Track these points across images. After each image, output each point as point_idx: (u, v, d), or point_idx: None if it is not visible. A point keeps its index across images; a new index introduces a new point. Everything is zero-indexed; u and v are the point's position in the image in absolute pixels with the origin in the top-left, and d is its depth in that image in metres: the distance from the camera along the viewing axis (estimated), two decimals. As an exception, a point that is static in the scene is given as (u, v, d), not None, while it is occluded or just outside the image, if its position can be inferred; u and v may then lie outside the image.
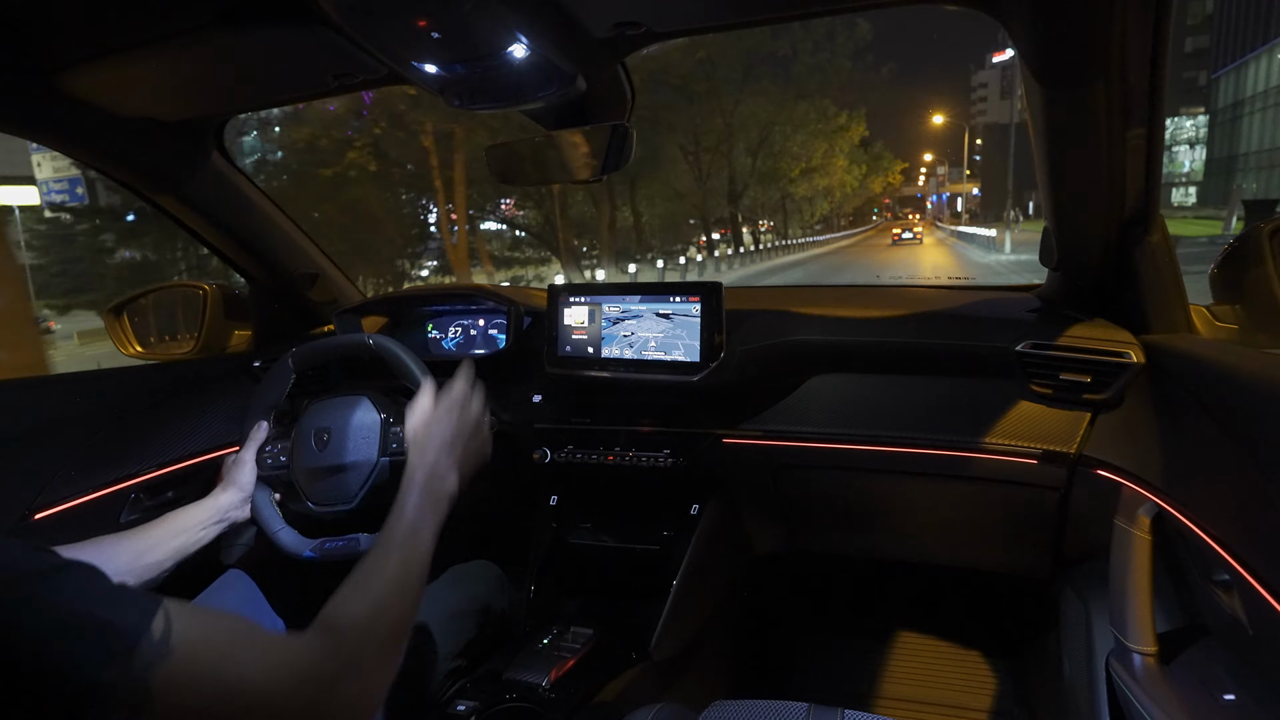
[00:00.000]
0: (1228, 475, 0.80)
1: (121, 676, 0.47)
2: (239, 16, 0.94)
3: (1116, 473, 1.07)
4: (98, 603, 0.48)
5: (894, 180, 55.40)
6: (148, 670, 0.48)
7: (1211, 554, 0.79)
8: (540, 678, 1.15)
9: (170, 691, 0.49)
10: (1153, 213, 1.06)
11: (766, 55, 28.37)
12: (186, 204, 1.46)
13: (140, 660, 0.48)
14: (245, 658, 0.56)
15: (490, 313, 1.69)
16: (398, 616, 0.74)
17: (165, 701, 0.49)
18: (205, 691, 0.52)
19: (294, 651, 0.61)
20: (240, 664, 0.55)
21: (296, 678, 0.59)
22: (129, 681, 0.47)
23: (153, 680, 0.48)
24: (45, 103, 1.15)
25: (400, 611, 0.75)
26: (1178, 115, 52.19)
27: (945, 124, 73.69)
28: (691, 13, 0.99)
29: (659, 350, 1.38)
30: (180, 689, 0.50)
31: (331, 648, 0.64)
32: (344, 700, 0.62)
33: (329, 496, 1.23)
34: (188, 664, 0.51)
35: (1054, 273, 1.29)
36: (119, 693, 0.47)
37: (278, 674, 0.57)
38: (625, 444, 1.44)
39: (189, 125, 1.36)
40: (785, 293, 1.66)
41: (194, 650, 0.52)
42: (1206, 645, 0.96)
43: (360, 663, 0.65)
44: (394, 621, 0.73)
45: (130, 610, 0.49)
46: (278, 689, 0.57)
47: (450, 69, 1.01)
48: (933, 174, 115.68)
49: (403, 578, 0.77)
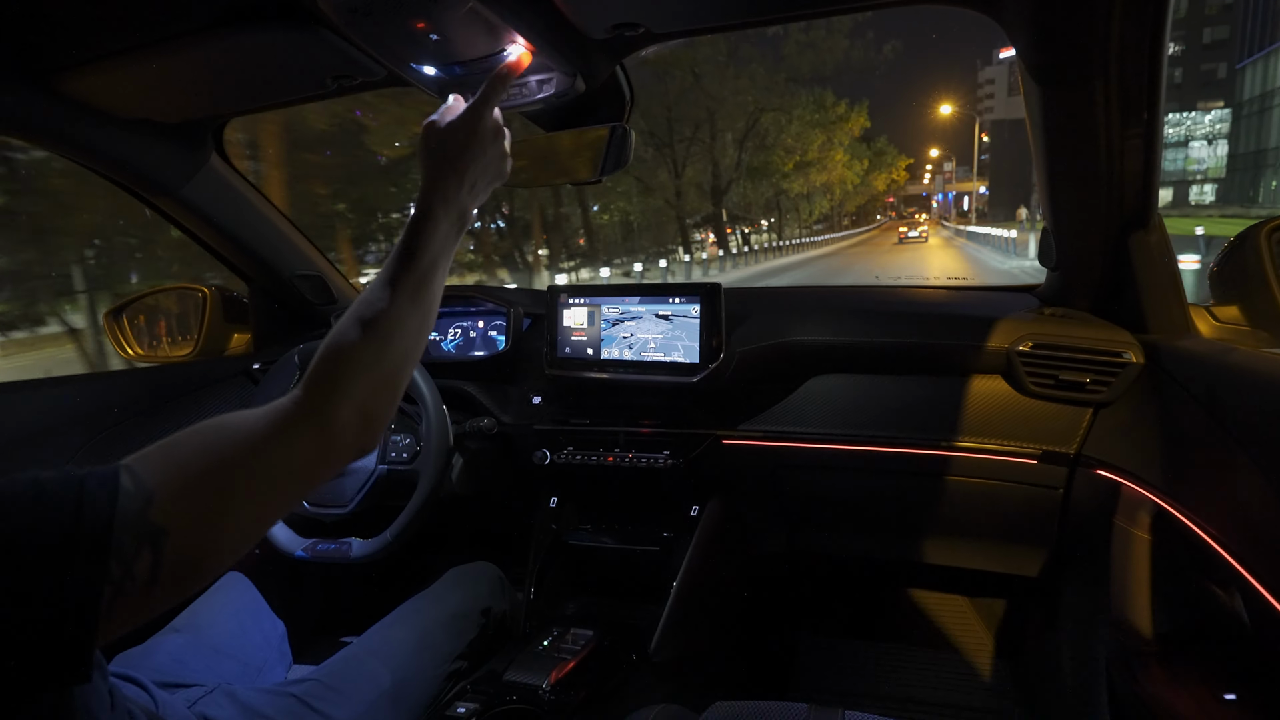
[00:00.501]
0: (1227, 474, 0.80)
1: (121, 537, 0.48)
2: (238, 19, 0.94)
3: (1116, 472, 1.07)
4: (57, 497, 0.49)
5: (898, 177, 52.93)
6: (143, 516, 0.50)
7: (1211, 553, 0.79)
8: (540, 679, 1.15)
9: (175, 515, 0.51)
10: (1151, 212, 1.06)
11: (754, 34, 26.68)
12: (186, 206, 1.46)
13: (126, 515, 0.49)
14: (225, 443, 0.57)
15: (490, 314, 1.69)
16: (405, 355, 0.70)
17: (177, 526, 0.51)
18: (207, 492, 0.54)
19: (273, 410, 0.61)
20: (222, 450, 0.57)
21: (283, 429, 0.60)
22: (130, 534, 0.49)
23: (153, 518, 0.50)
24: (44, 105, 1.15)
25: (408, 350, 0.70)
26: (1194, 109, 49.91)
27: (952, 117, 71.81)
28: (690, 14, 0.99)
29: (658, 351, 1.38)
30: (182, 506, 0.52)
31: (325, 385, 0.64)
32: (346, 433, 0.63)
33: (325, 499, 1.23)
34: (176, 486, 0.53)
35: (1053, 272, 1.30)
36: (127, 549, 0.48)
37: (264, 434, 0.59)
38: (625, 445, 1.44)
39: (188, 127, 1.36)
40: (785, 294, 1.66)
41: (175, 471, 0.53)
42: (1207, 645, 0.96)
43: (361, 399, 0.65)
44: (400, 359, 0.69)
45: (90, 484, 0.50)
46: (272, 446, 0.59)
47: (449, 70, 1.01)
48: (939, 170, 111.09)
49: (422, 307, 0.72)
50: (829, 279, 21.32)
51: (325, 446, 0.62)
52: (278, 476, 0.59)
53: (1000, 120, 79.02)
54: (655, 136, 24.05)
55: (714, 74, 23.91)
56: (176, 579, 0.52)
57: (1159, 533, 1.00)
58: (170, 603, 0.53)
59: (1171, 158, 50.68)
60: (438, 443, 1.28)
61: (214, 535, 0.55)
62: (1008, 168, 74.93)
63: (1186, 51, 51.28)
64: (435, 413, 1.28)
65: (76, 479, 0.50)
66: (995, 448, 1.23)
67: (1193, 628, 1.01)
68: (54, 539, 0.47)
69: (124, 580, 0.48)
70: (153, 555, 0.50)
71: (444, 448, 1.27)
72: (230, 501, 0.56)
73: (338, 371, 0.64)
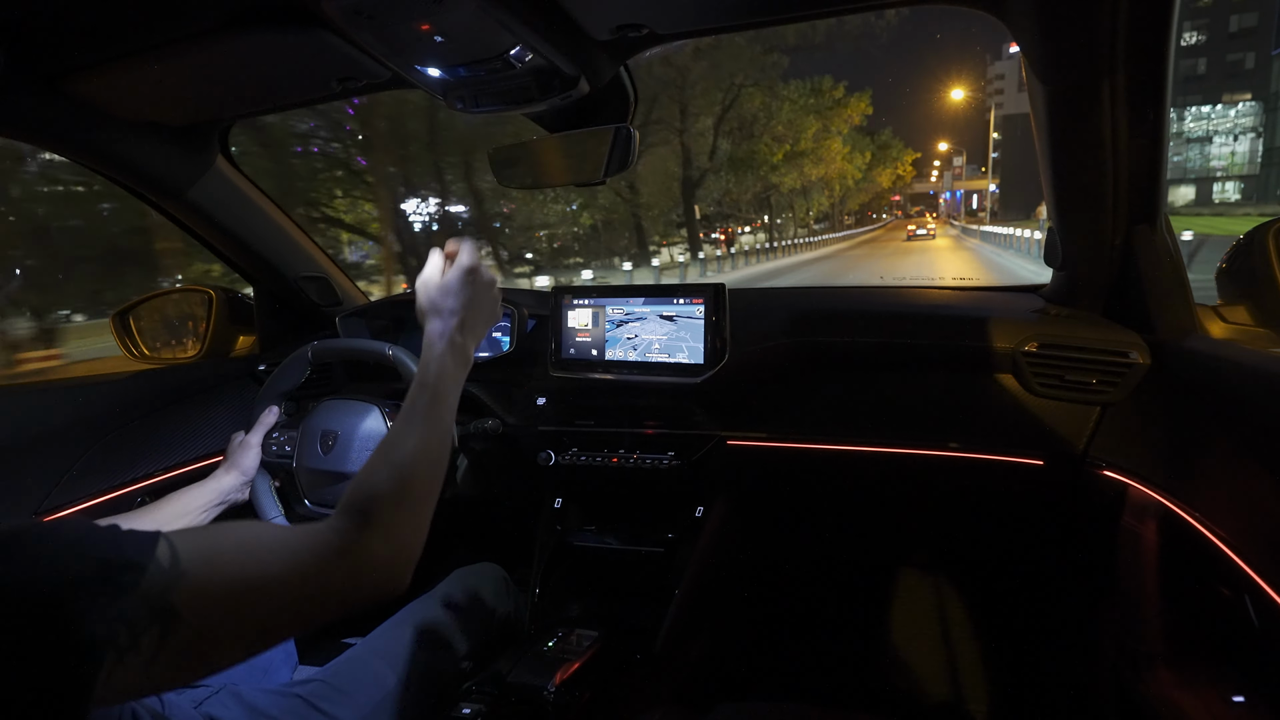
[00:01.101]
0: (1235, 475, 0.80)
1: (138, 605, 0.49)
2: (243, 21, 0.94)
3: (1123, 473, 1.07)
4: (94, 546, 0.50)
5: (904, 173, 49.80)
6: (165, 593, 0.50)
7: (1219, 554, 0.79)
8: (545, 680, 1.15)
9: (195, 605, 0.52)
10: (1158, 211, 1.06)
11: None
12: (191, 208, 1.47)
13: (152, 586, 0.50)
14: (264, 555, 0.58)
15: None
16: (426, 482, 0.76)
17: (194, 616, 0.51)
18: (233, 596, 0.55)
19: (314, 535, 0.63)
20: (261, 562, 0.57)
21: (322, 557, 0.62)
22: (148, 607, 0.49)
23: (174, 600, 0.50)
24: (52, 108, 1.15)
25: (428, 477, 0.77)
26: (1219, 103, 46.17)
27: (961, 111, 69.98)
28: (694, 15, 0.99)
29: (663, 352, 1.38)
30: (205, 601, 0.53)
31: (359, 519, 0.66)
32: (378, 565, 0.66)
33: (326, 499, 1.24)
34: (205, 578, 0.53)
35: (1059, 272, 1.29)
36: (140, 620, 0.49)
37: (302, 559, 0.60)
38: (629, 446, 1.44)
39: (194, 130, 1.37)
40: (790, 294, 1.66)
41: (208, 563, 0.54)
42: (1214, 646, 0.96)
43: (390, 528, 0.68)
44: (422, 487, 0.75)
45: (128, 545, 0.51)
46: (307, 572, 0.60)
47: (453, 72, 1.01)
48: (948, 166, 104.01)
49: (430, 444, 0.78)
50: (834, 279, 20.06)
51: (355, 574, 0.65)
52: (306, 597, 0.61)
53: (1012, 115, 76.17)
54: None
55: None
56: (177, 664, 0.52)
57: (1166, 534, 1.00)
58: (165, 687, 0.54)
59: (1194, 155, 47.55)
60: None
61: (226, 635, 0.55)
62: (1020, 164, 72.85)
63: (1210, 40, 47.27)
64: None
65: (113, 538, 0.51)
66: (1002, 449, 1.23)
67: (1200, 629, 1.00)
68: (71, 592, 0.47)
69: (128, 651, 0.48)
70: (160, 633, 0.50)
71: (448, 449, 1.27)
72: (249, 606, 0.56)
73: (369, 504, 0.68)
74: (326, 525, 0.65)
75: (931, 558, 1.54)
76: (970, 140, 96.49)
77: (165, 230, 10.35)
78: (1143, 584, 1.02)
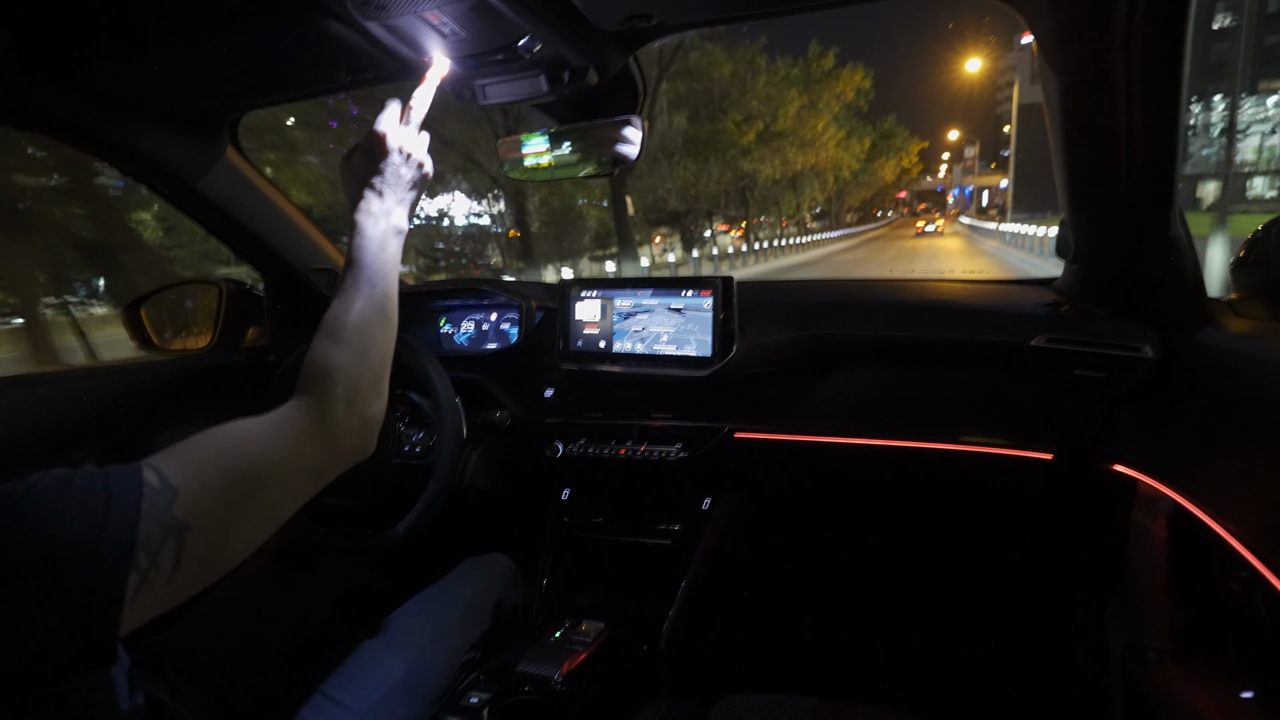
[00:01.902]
0: (1248, 470, 0.79)
1: (150, 528, 0.52)
2: (253, 11, 0.95)
3: (1133, 468, 1.06)
4: (85, 492, 0.52)
5: (908, 164, 44.61)
6: (169, 510, 0.54)
7: (1230, 550, 0.78)
8: (552, 671, 1.16)
9: (198, 513, 0.55)
10: (1172, 204, 1.04)
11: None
12: (202, 199, 1.47)
13: (155, 508, 0.53)
14: (244, 451, 0.62)
15: (502, 307, 1.70)
16: (380, 348, 0.79)
17: (200, 521, 0.55)
18: (228, 495, 0.59)
19: (283, 420, 0.67)
20: (243, 457, 0.62)
21: (295, 439, 0.66)
22: (161, 527, 0.53)
23: (178, 514, 0.54)
24: (62, 99, 1.16)
25: (381, 342, 0.80)
26: (1255, 93, 39.29)
27: (971, 97, 66.15)
28: (703, 4, 0.98)
29: (671, 344, 1.38)
30: (205, 507, 0.56)
31: (319, 395, 0.70)
32: (348, 432, 0.71)
33: (340, 490, 1.25)
34: (198, 487, 0.57)
35: (1070, 266, 1.28)
36: (154, 541, 0.52)
37: (280, 444, 0.65)
38: (637, 438, 1.44)
39: (204, 120, 1.37)
40: (798, 286, 1.65)
41: (196, 474, 0.57)
42: (1224, 643, 0.95)
43: (350, 397, 0.72)
44: (377, 353, 0.78)
45: (115, 480, 0.53)
46: (285, 455, 0.65)
47: (463, 63, 1.01)
48: (958, 159, 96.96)
49: (378, 309, 0.81)
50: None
51: (329, 448, 0.69)
52: (288, 477, 0.65)
53: (1027, 105, 72.15)
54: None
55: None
56: (196, 570, 0.56)
57: (1176, 529, 0.99)
58: (189, 593, 0.56)
59: (1220, 148, 43.67)
60: (451, 436, 1.29)
61: (232, 530, 0.60)
62: (1035, 157, 69.98)
63: (1243, 24, 43.29)
64: (448, 406, 1.29)
65: (102, 475, 0.53)
66: (1012, 443, 1.22)
67: (1211, 625, 1.00)
68: (83, 531, 0.49)
69: (149, 570, 0.51)
70: (176, 547, 0.53)
71: (457, 441, 1.27)
72: (246, 499, 0.60)
73: (326, 380, 0.71)
74: (291, 406, 0.69)
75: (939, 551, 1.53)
76: (981, 134, 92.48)
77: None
78: (1152, 579, 1.01)
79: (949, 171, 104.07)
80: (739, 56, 21.25)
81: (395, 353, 1.24)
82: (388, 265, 0.85)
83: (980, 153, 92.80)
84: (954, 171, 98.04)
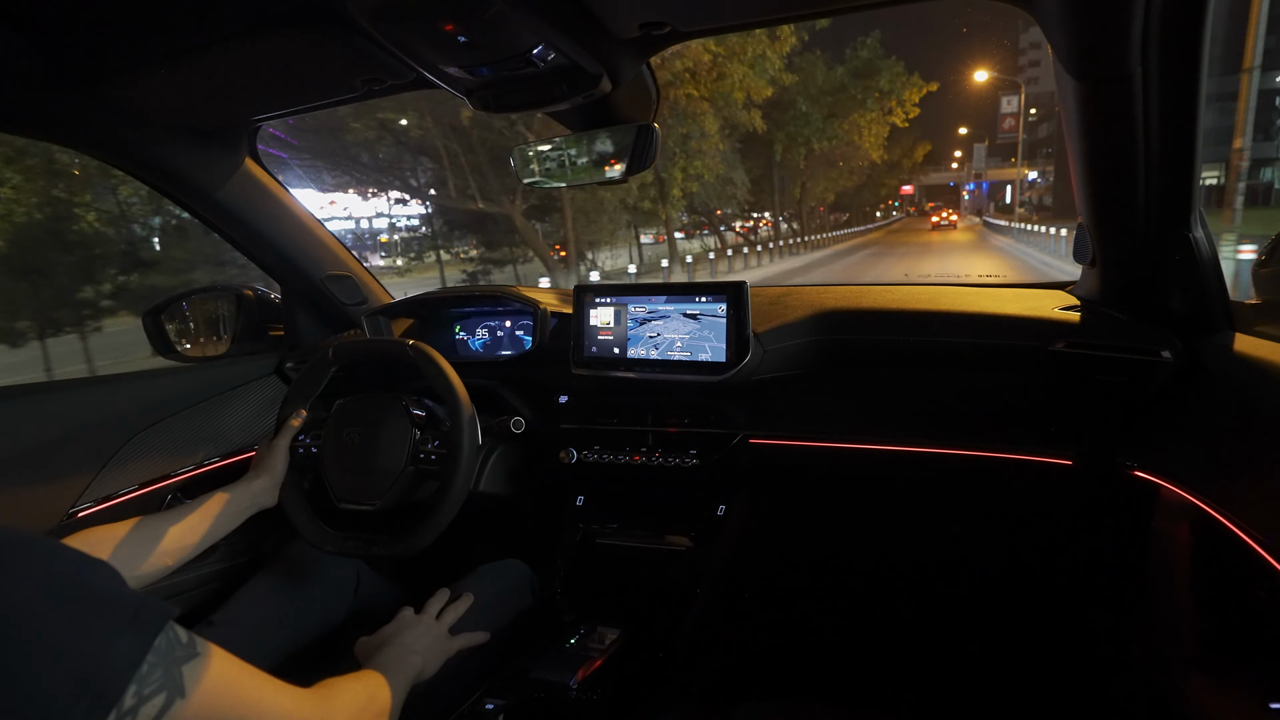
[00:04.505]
0: (1271, 475, 0.78)
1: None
2: (271, 22, 0.96)
3: (1155, 473, 1.05)
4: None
5: (902, 121, 24.19)
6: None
7: (1255, 557, 0.77)
8: (568, 677, 1.16)
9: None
10: (1192, 205, 1.03)
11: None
12: (220, 208, 1.49)
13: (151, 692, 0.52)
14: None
15: (517, 314, 1.70)
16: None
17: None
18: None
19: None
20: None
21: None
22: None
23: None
24: (87, 112, 1.18)
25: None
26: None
27: (986, 92, 60.90)
28: (717, 11, 0.99)
29: (685, 351, 1.38)
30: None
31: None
32: None
33: (354, 495, 1.26)
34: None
35: (1089, 269, 1.27)
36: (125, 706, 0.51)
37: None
38: (652, 445, 1.44)
39: (224, 131, 1.39)
40: (813, 291, 1.65)
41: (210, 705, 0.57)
42: (1250, 651, 0.93)
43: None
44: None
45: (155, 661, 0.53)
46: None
47: (477, 72, 1.01)
48: (970, 155, 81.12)
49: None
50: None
51: None
52: None
53: (1051, 91, 64.44)
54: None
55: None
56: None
57: (1199, 535, 0.98)
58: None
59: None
60: (466, 442, 1.30)
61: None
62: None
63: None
64: (463, 412, 1.29)
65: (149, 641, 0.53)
66: (1031, 449, 1.21)
67: (1234, 633, 0.98)
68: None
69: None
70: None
71: (472, 447, 1.28)
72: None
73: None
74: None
75: (957, 558, 1.52)
76: (991, 122, 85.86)
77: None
78: (1175, 587, 1.00)
79: (962, 167, 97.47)
80: (800, 66, 19.94)
81: (410, 359, 1.25)
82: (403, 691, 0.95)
83: (990, 150, 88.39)
84: (966, 168, 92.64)
